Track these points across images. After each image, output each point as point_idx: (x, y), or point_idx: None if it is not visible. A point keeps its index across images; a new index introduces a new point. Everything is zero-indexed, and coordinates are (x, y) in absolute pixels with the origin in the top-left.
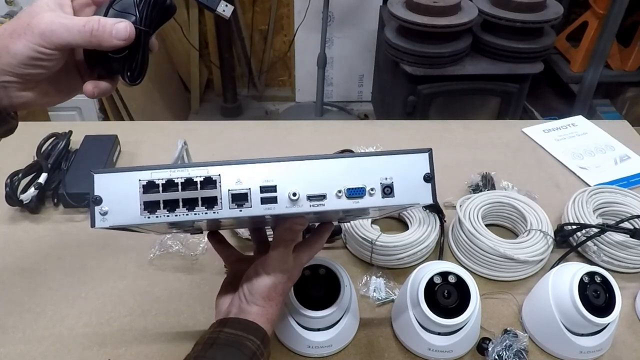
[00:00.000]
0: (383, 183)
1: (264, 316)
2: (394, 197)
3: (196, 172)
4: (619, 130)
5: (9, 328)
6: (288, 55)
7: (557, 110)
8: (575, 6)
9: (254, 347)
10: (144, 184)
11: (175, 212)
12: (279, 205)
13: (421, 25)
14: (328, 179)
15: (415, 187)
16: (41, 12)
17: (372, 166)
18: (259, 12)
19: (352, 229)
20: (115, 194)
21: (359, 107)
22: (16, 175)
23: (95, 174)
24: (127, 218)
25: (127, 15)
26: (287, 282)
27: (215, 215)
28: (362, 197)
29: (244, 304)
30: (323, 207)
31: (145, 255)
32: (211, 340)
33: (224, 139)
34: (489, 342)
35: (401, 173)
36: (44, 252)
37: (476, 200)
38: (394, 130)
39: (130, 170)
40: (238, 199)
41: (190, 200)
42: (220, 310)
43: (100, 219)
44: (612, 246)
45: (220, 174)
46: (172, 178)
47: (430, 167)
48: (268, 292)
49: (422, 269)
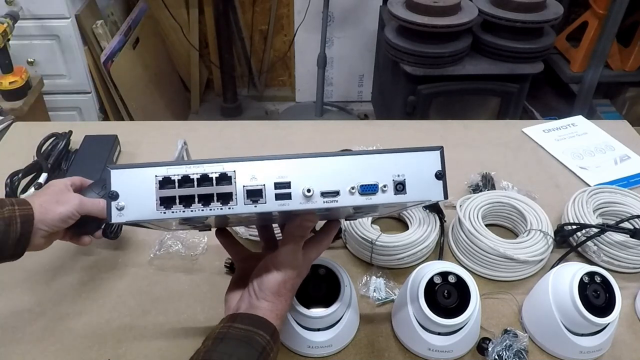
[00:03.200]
0: (395, 180)
1: (274, 312)
2: (406, 194)
3: (212, 169)
4: (619, 130)
5: (9, 328)
6: (288, 55)
7: (557, 110)
8: (575, 6)
9: (263, 342)
10: (160, 179)
11: (191, 208)
12: (293, 202)
13: (421, 25)
14: (341, 175)
15: (426, 184)
16: (67, 190)
17: (384, 163)
18: (259, 12)
19: (352, 229)
20: (131, 189)
21: (359, 107)
22: (16, 175)
23: (111, 170)
24: (144, 213)
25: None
26: (297, 278)
27: (231, 211)
28: (374, 194)
29: (253, 299)
30: (336, 203)
31: (146, 255)
32: (221, 335)
33: (224, 139)
34: (489, 342)
35: (413, 170)
36: (44, 252)
37: (476, 200)
38: (394, 130)
39: (147, 166)
40: (253, 195)
41: (205, 196)
42: (229, 306)
43: (117, 214)
44: (612, 246)
45: (235, 170)
46: (187, 174)
47: (441, 165)
48: (278, 287)
49: (422, 269)
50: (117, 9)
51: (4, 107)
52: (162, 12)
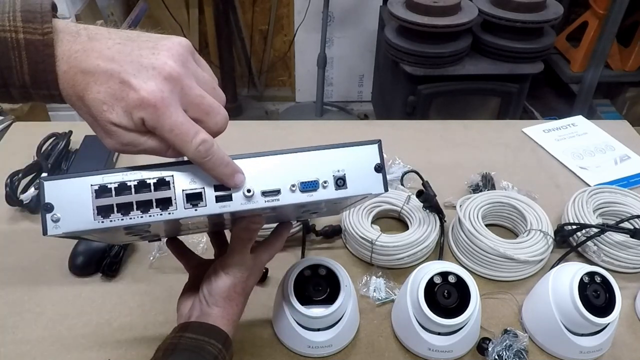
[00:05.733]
0: (335, 175)
1: (225, 317)
2: (347, 189)
3: (149, 174)
4: (619, 130)
5: (9, 328)
6: (288, 55)
7: (557, 110)
8: (575, 6)
9: (215, 350)
10: (96, 188)
11: (129, 215)
12: (234, 203)
13: (421, 25)
14: (281, 174)
15: (367, 178)
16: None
17: (324, 159)
18: (259, 12)
19: (352, 229)
20: (67, 200)
21: (359, 107)
22: (16, 175)
23: (44, 181)
24: (81, 224)
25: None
26: (247, 281)
27: (171, 216)
28: (315, 190)
29: (204, 306)
30: (278, 202)
31: (146, 255)
32: (172, 345)
33: (223, 139)
34: (489, 342)
35: (353, 165)
36: (44, 252)
37: (476, 200)
38: (394, 130)
39: (82, 175)
40: (193, 199)
41: (144, 203)
42: (181, 314)
43: (53, 226)
44: (612, 246)
45: (173, 175)
46: (124, 181)
47: (380, 158)
48: (228, 291)
49: (422, 269)
50: (117, 8)
51: (4, 107)
52: (162, 12)
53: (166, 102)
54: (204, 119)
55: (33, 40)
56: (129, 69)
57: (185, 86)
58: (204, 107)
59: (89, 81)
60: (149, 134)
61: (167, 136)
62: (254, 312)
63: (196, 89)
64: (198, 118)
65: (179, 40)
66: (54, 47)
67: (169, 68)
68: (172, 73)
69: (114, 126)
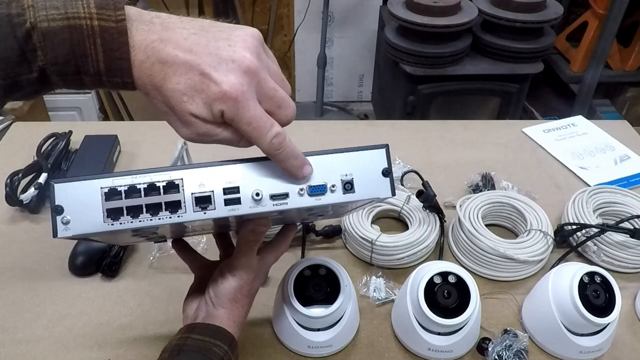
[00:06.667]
0: (343, 179)
1: (231, 319)
2: (355, 193)
3: (158, 177)
4: (619, 130)
5: (9, 328)
6: (288, 55)
7: (557, 110)
8: (575, 6)
9: (221, 352)
10: (106, 191)
11: (139, 218)
12: (243, 206)
13: (421, 25)
14: (289, 177)
15: (374, 182)
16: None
17: (332, 163)
18: (259, 12)
19: (352, 229)
20: (76, 202)
21: (359, 107)
22: (16, 175)
23: (55, 184)
24: (90, 226)
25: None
26: (253, 283)
27: (180, 219)
28: (323, 194)
29: (210, 307)
30: (286, 206)
31: (146, 255)
32: (178, 347)
33: None
34: (489, 342)
35: (360, 169)
36: (44, 252)
37: (476, 200)
38: (394, 130)
39: (92, 177)
40: (202, 202)
41: (153, 206)
42: (187, 315)
43: (63, 229)
44: (612, 246)
45: (182, 178)
46: (134, 184)
47: (387, 162)
48: (234, 293)
49: (422, 269)
50: None
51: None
52: (162, 12)
53: (246, 96)
54: (276, 111)
55: (108, 27)
56: (208, 61)
57: (262, 79)
58: (277, 99)
59: (167, 72)
60: (224, 125)
61: (244, 128)
62: (254, 312)
63: (270, 81)
64: (271, 110)
65: (252, 32)
66: (127, 35)
67: (248, 61)
68: (251, 66)
69: (193, 117)
